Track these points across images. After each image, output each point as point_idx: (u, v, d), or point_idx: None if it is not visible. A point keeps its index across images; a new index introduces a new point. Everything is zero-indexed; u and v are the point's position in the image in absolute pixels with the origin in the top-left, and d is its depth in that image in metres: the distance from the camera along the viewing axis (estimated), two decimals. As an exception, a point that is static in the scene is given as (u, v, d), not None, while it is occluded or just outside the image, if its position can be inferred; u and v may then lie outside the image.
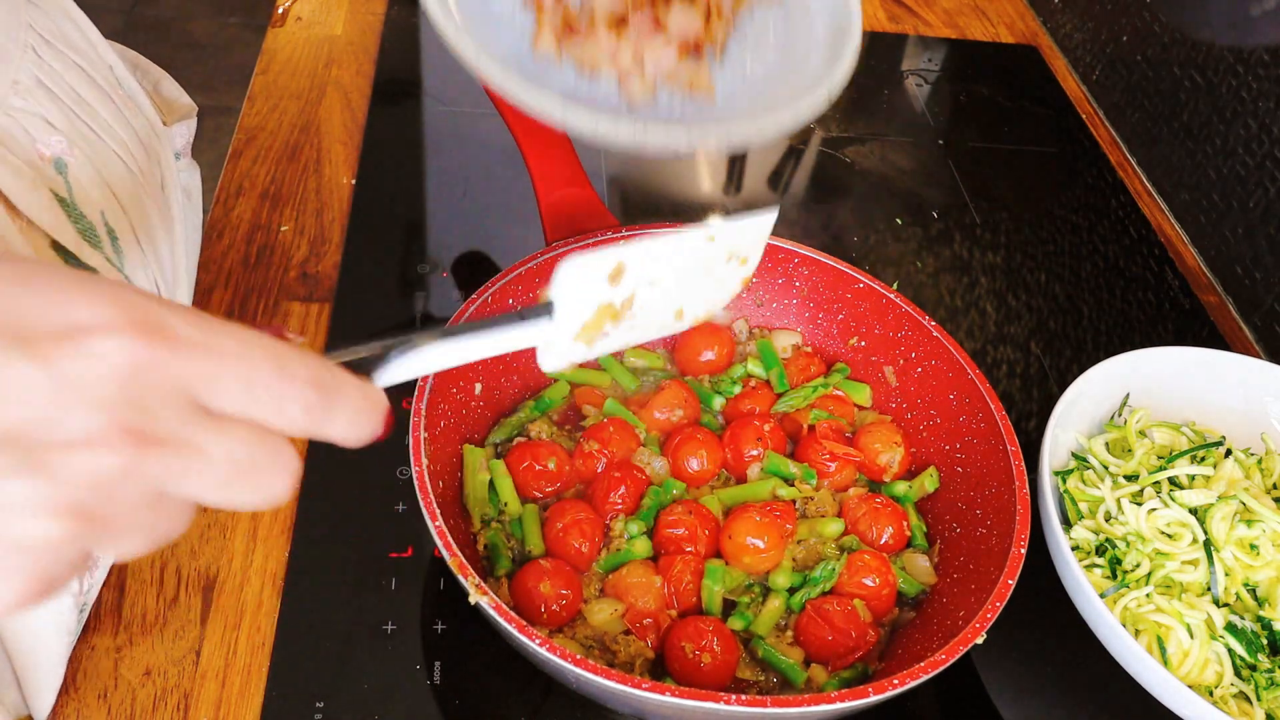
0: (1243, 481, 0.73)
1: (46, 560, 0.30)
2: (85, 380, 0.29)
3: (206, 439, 0.31)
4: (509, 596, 0.64)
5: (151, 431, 0.30)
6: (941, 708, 0.68)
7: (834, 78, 0.61)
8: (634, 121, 0.54)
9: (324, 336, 0.84)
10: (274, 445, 0.33)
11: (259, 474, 0.33)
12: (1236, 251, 1.02)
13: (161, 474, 0.31)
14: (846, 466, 0.73)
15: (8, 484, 0.28)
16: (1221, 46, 1.05)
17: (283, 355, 0.33)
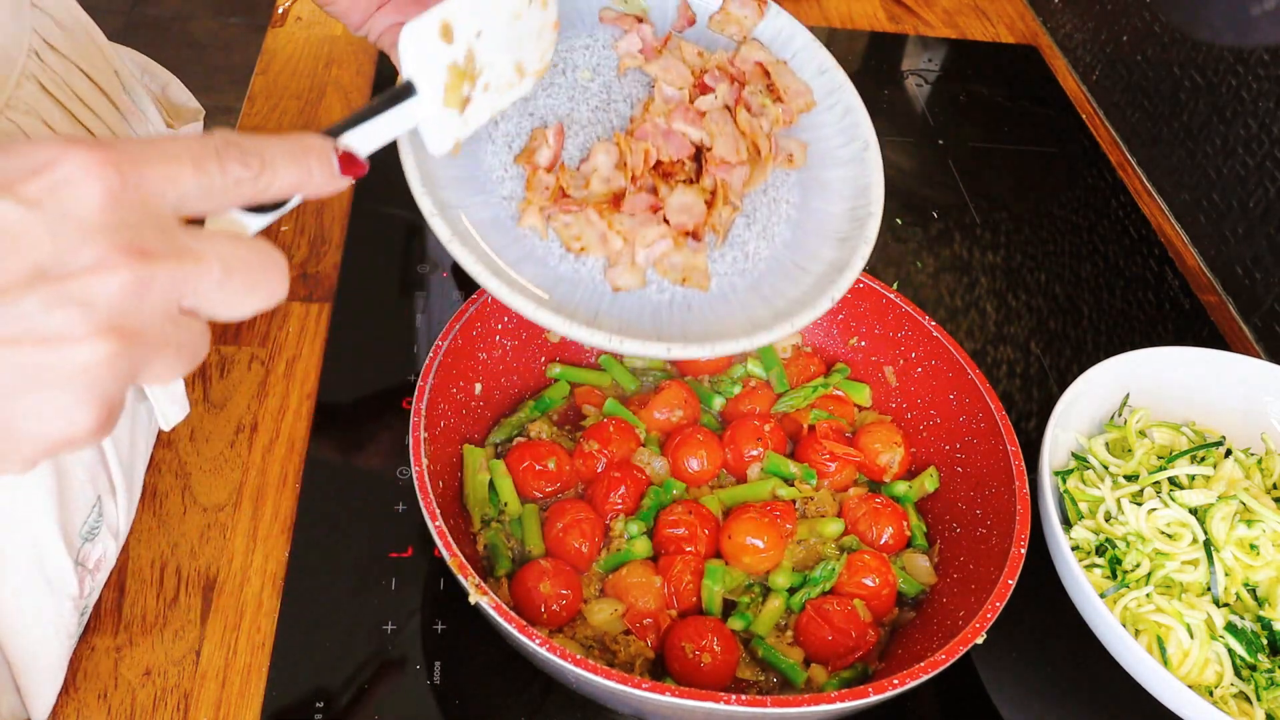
0: (1243, 481, 0.73)
1: (105, 380, 0.33)
2: (71, 211, 0.32)
3: (195, 244, 0.35)
4: (509, 596, 0.64)
5: (145, 245, 0.33)
6: (941, 708, 0.68)
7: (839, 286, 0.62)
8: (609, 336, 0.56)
9: (324, 336, 0.84)
10: (257, 244, 0.37)
11: (251, 271, 0.37)
12: (1236, 251, 1.02)
13: (168, 282, 0.34)
14: (846, 466, 0.73)
15: (49, 318, 0.31)
16: (1221, 46, 1.05)
17: (211, 140, 0.37)
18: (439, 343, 0.69)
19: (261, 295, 0.37)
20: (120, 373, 0.33)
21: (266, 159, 0.38)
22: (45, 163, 0.32)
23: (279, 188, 0.39)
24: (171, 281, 0.34)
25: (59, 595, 0.60)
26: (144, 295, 0.33)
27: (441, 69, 0.50)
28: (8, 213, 0.31)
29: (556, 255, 0.60)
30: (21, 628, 0.59)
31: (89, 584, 0.63)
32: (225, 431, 0.76)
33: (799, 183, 0.67)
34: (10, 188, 0.31)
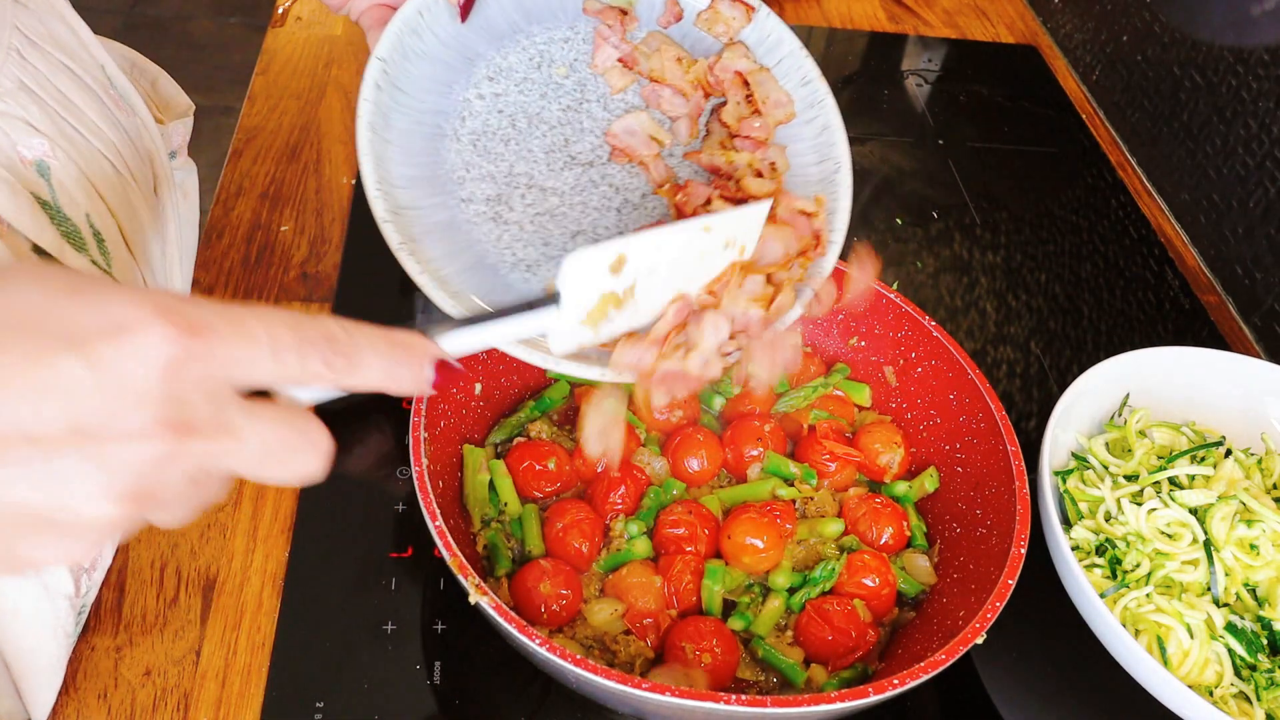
0: (1243, 481, 0.73)
1: (106, 534, 0.34)
2: (131, 379, 0.32)
3: (241, 423, 0.35)
4: (509, 596, 0.64)
5: (190, 421, 0.34)
6: (941, 708, 0.68)
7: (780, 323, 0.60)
8: (545, 356, 0.55)
9: (324, 336, 0.84)
10: (303, 425, 0.37)
11: (290, 453, 0.37)
12: (1236, 251, 1.02)
13: (201, 457, 0.34)
14: (846, 466, 0.73)
15: (74, 475, 0.32)
16: (1221, 46, 1.05)
17: (299, 319, 0.36)
18: (439, 343, 0.69)
19: (294, 473, 0.38)
20: (122, 527, 0.34)
21: (355, 360, 0.38)
22: (123, 325, 0.33)
23: (359, 386, 0.39)
24: (204, 456, 0.35)
25: (55, 595, 0.60)
26: (170, 467, 0.34)
27: (596, 294, 0.49)
28: (72, 370, 0.32)
29: (508, 264, 0.60)
30: (19, 628, 0.59)
31: (85, 583, 0.63)
32: (225, 431, 0.76)
33: None
34: (84, 344, 0.32)
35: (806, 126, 0.66)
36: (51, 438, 0.32)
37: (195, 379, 0.34)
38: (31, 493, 0.32)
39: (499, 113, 0.62)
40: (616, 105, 0.64)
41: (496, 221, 0.61)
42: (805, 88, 0.66)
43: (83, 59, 0.67)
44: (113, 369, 0.32)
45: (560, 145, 0.62)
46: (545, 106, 0.63)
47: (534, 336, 0.49)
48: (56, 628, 0.60)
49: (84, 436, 0.32)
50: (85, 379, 0.32)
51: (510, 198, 0.61)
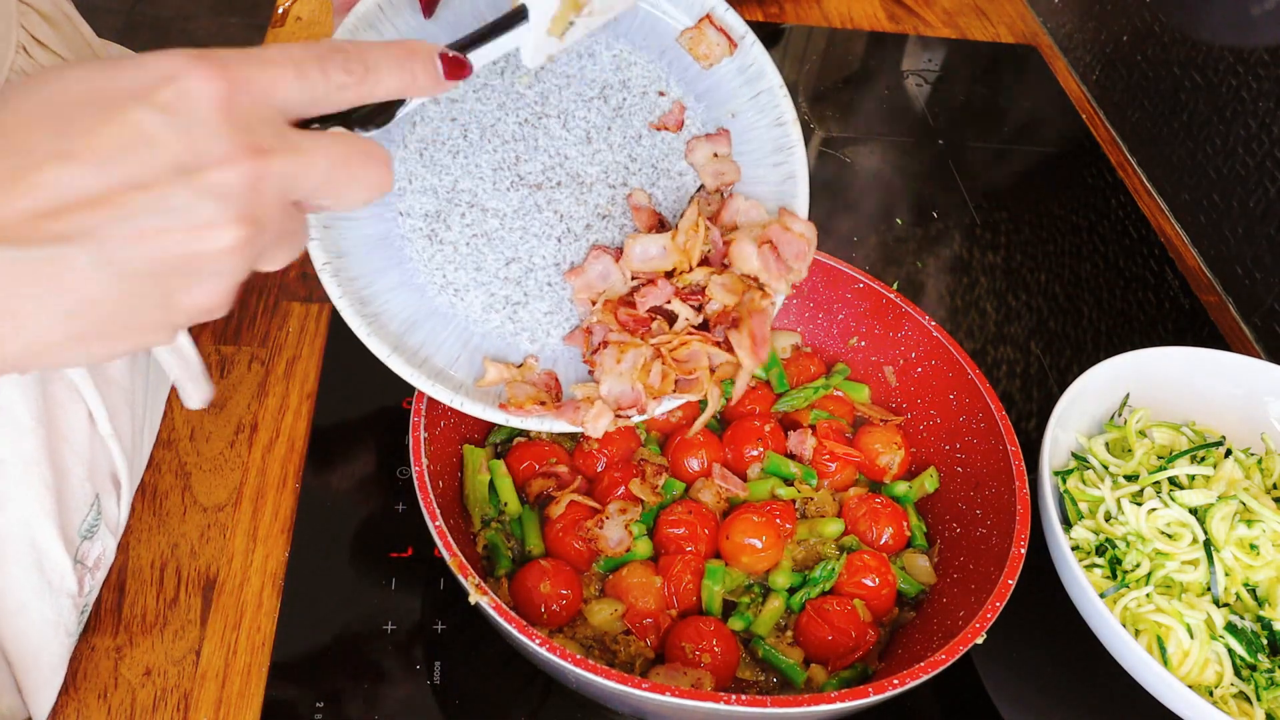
0: (1243, 481, 0.73)
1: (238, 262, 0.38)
2: (198, 115, 0.36)
3: (306, 144, 0.39)
4: (509, 596, 0.64)
5: (261, 144, 0.37)
6: (941, 708, 0.68)
7: None
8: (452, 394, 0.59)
9: (324, 337, 0.84)
10: (359, 141, 0.41)
11: (357, 164, 0.41)
12: (1236, 251, 1.02)
13: (282, 174, 0.38)
14: (847, 467, 0.73)
15: (195, 208, 0.36)
16: (1221, 46, 1.05)
17: (315, 47, 0.40)
18: (439, 343, 0.69)
19: (363, 186, 0.41)
20: (249, 257, 0.38)
21: (370, 64, 0.41)
22: (170, 74, 0.36)
23: (384, 91, 0.42)
24: (285, 173, 0.38)
25: (58, 593, 0.60)
26: (263, 185, 0.37)
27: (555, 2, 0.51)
28: (147, 118, 0.35)
29: (436, 285, 0.60)
30: (21, 626, 0.59)
31: (89, 582, 0.63)
32: (225, 431, 0.76)
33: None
34: (146, 96, 0.36)
35: (773, 170, 0.64)
36: (157, 181, 0.35)
37: (247, 109, 0.37)
38: (162, 235, 0.35)
39: (451, 120, 0.60)
40: (577, 125, 0.62)
41: (431, 240, 0.60)
42: (778, 129, 0.64)
43: (86, 57, 0.67)
44: (180, 110, 0.36)
45: (510, 163, 0.61)
46: (501, 118, 0.61)
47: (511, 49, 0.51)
48: (59, 626, 0.60)
49: (184, 172, 0.36)
50: (162, 124, 0.36)
51: (449, 215, 0.60)
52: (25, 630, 0.59)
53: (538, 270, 0.62)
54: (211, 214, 0.36)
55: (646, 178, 0.63)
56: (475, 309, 0.61)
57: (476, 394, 0.60)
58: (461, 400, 0.59)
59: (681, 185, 0.64)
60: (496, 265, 0.61)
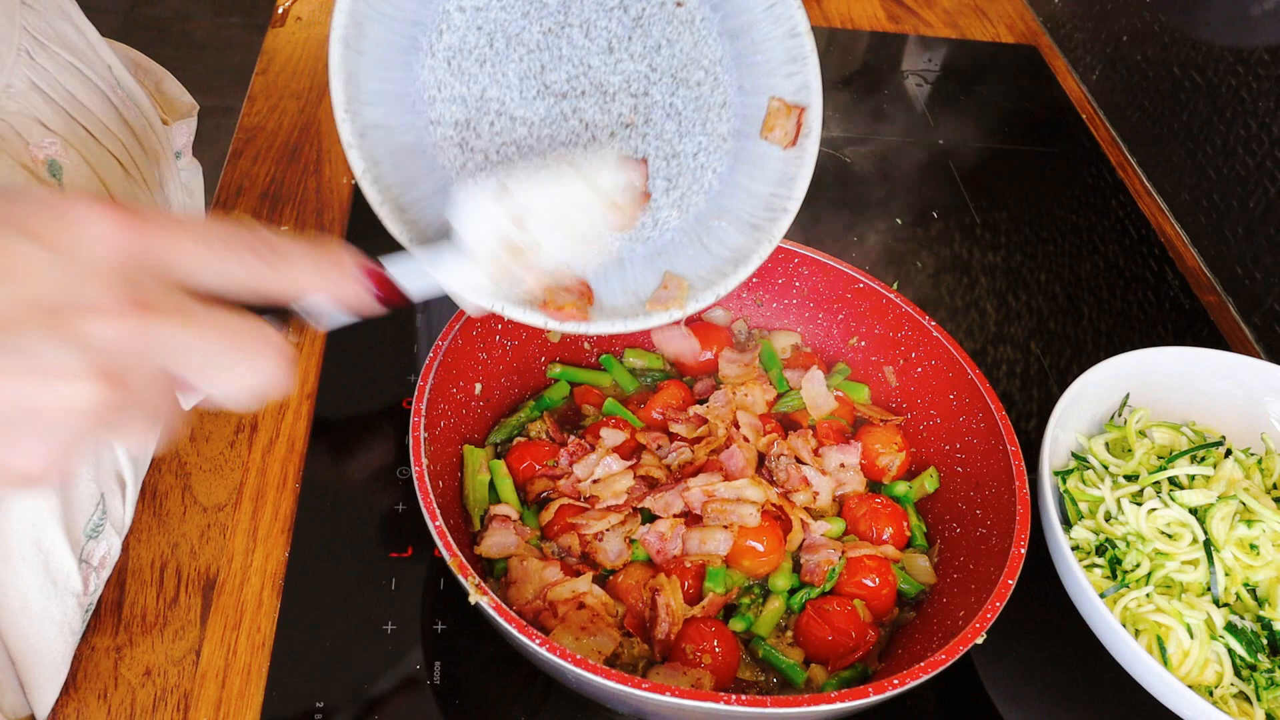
0: (1243, 481, 0.73)
1: (82, 426, 0.34)
2: (89, 260, 0.34)
3: (199, 312, 0.36)
4: (508, 597, 0.64)
5: (150, 301, 0.35)
6: (941, 708, 0.68)
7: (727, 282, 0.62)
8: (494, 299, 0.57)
9: (324, 337, 0.84)
10: (257, 324, 0.38)
11: (248, 346, 0.37)
12: (1236, 251, 1.02)
13: (164, 339, 0.35)
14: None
15: (46, 352, 0.32)
16: (1221, 46, 1.05)
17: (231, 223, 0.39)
18: (439, 343, 0.69)
19: (252, 373, 0.37)
20: (98, 420, 0.34)
21: (285, 256, 0.39)
22: (69, 214, 0.34)
23: (293, 282, 0.40)
24: (166, 337, 0.35)
25: (64, 592, 0.60)
26: (138, 345, 0.34)
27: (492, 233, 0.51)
28: (30, 253, 0.33)
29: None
30: (26, 625, 0.59)
31: (94, 581, 0.63)
32: (225, 431, 0.76)
33: (732, 152, 0.65)
34: (35, 231, 0.34)
35: (786, 80, 0.64)
36: (18, 317, 0.32)
37: (144, 264, 0.35)
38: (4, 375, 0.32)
39: (478, 29, 0.60)
40: (599, 34, 0.62)
41: (463, 148, 0.60)
42: (792, 40, 0.64)
43: (90, 59, 0.67)
44: (69, 251, 0.34)
45: (536, 72, 0.61)
46: (526, 27, 0.61)
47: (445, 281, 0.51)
48: (64, 625, 0.60)
49: (51, 315, 0.33)
50: (43, 261, 0.33)
51: (479, 124, 0.60)
52: (30, 629, 0.59)
53: None
54: (68, 363, 0.33)
55: (667, 87, 0.64)
56: None
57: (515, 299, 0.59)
58: (503, 305, 0.58)
59: (699, 95, 0.64)
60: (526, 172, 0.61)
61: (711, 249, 0.64)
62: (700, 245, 0.64)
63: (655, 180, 0.63)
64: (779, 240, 0.64)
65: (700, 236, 0.64)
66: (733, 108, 0.64)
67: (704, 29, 0.63)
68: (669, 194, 0.63)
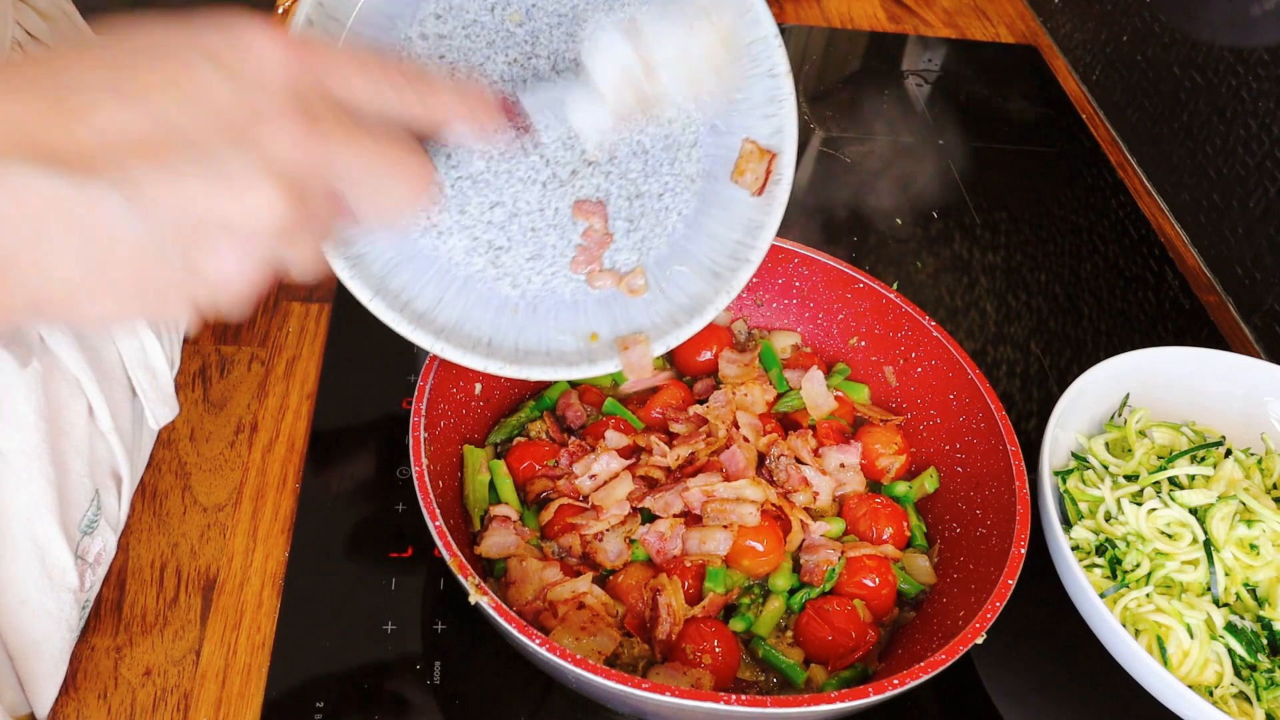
0: (1243, 481, 0.73)
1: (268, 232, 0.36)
2: (263, 80, 0.37)
3: (358, 130, 0.39)
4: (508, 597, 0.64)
5: (316, 114, 0.37)
6: (941, 708, 0.68)
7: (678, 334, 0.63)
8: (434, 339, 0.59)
9: (324, 337, 0.84)
10: (408, 142, 0.41)
11: (399, 161, 0.40)
12: (1236, 251, 1.02)
13: (332, 155, 0.38)
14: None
15: (233, 164, 0.35)
16: (1221, 46, 1.05)
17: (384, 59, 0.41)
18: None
19: (403, 191, 0.41)
20: (280, 231, 0.37)
21: (432, 85, 0.43)
22: (242, 38, 0.37)
23: (440, 107, 0.43)
24: (335, 154, 0.38)
25: (60, 589, 0.60)
26: (310, 155, 0.37)
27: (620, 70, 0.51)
28: (208, 73, 0.36)
29: (419, 229, 0.59)
30: (23, 622, 0.59)
31: (89, 577, 0.63)
32: (225, 431, 0.76)
33: (700, 194, 0.63)
34: (212, 52, 0.36)
35: (763, 121, 0.63)
36: (204, 133, 0.35)
37: (310, 86, 0.38)
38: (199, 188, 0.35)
39: (440, 59, 0.58)
40: (566, 66, 0.60)
41: None
42: (770, 80, 0.62)
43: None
44: (244, 72, 0.36)
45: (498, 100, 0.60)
46: (490, 57, 0.59)
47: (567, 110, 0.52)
48: (60, 620, 0.60)
49: (233, 129, 0.35)
50: (222, 81, 0.36)
51: (435, 157, 0.59)
52: (27, 625, 0.59)
53: (522, 215, 0.61)
54: (253, 171, 0.35)
55: (635, 124, 0.62)
56: (458, 252, 0.60)
57: (457, 340, 0.60)
58: (443, 346, 0.59)
59: (669, 134, 0.63)
60: (480, 209, 0.60)
61: (669, 295, 0.63)
62: (658, 291, 0.63)
63: (616, 221, 0.62)
64: (738, 292, 0.63)
65: (658, 282, 0.63)
66: (703, 148, 0.63)
67: None
68: (629, 235, 0.62)
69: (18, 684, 0.60)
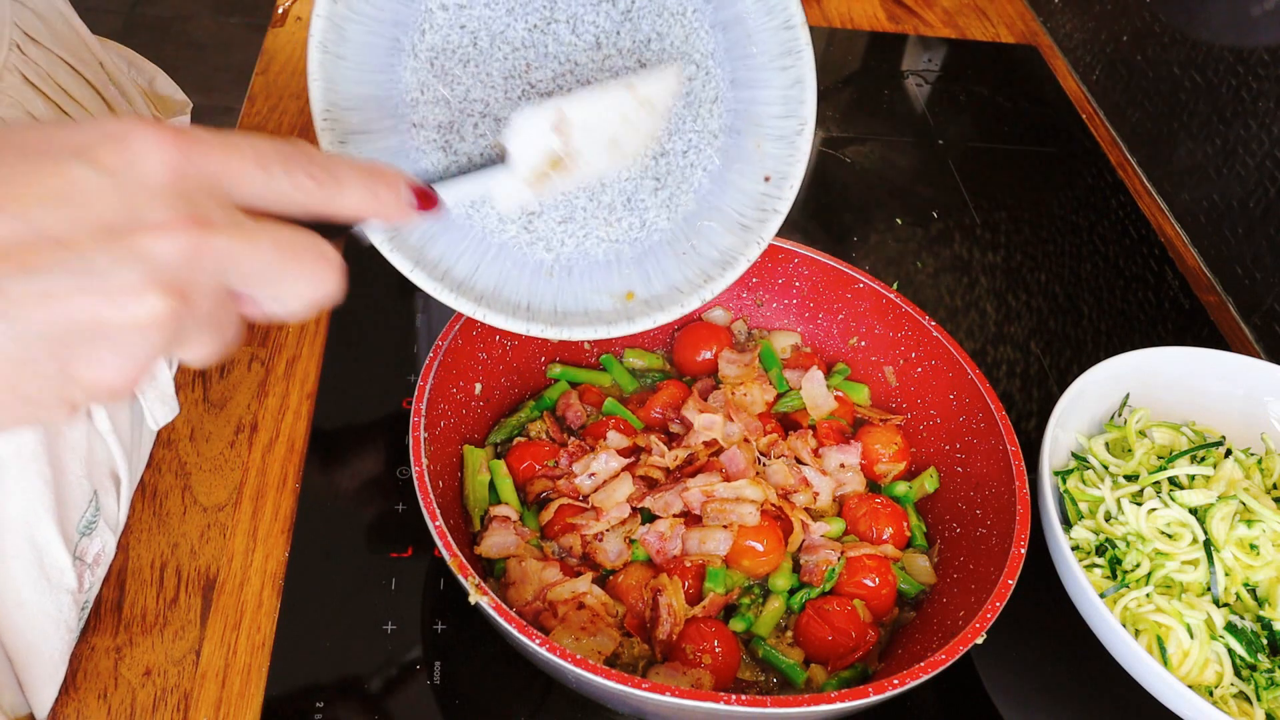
0: (1243, 481, 0.73)
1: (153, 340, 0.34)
2: (141, 178, 0.34)
3: (249, 224, 0.36)
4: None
5: (205, 216, 0.35)
6: (942, 708, 0.68)
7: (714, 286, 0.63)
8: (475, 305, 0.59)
9: (323, 337, 0.84)
10: (312, 236, 0.38)
11: (303, 259, 0.38)
12: (1236, 251, 1.02)
13: (222, 252, 0.35)
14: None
15: (114, 271, 0.33)
16: (1221, 46, 1.05)
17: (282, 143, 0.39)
18: (439, 343, 0.69)
19: (309, 284, 0.38)
20: (166, 335, 0.34)
21: (335, 174, 0.40)
22: (120, 135, 0.35)
23: (346, 205, 0.41)
24: (225, 252, 0.35)
25: (58, 590, 0.60)
26: (199, 260, 0.35)
27: (540, 153, 0.53)
28: (84, 175, 0.33)
29: (450, 199, 0.60)
30: (22, 623, 0.59)
31: (88, 578, 0.63)
32: (225, 431, 0.76)
33: (723, 149, 0.64)
34: (88, 153, 0.34)
35: (780, 74, 0.63)
36: (79, 239, 0.33)
37: (195, 183, 0.35)
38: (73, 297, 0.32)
39: (461, 28, 0.59)
40: (586, 30, 0.61)
41: (445, 151, 0.60)
42: (787, 32, 0.62)
43: (83, 56, 0.67)
44: (122, 171, 0.34)
45: (521, 71, 0.60)
46: (510, 24, 0.59)
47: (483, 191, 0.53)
48: (59, 621, 0.60)
49: (111, 234, 0.33)
50: (99, 181, 0.33)
51: (462, 126, 0.59)
52: (26, 626, 0.59)
53: None
54: (134, 280, 0.33)
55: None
56: (491, 220, 0.61)
57: (499, 305, 0.60)
58: (484, 312, 0.59)
59: (690, 90, 0.63)
60: None
61: (700, 250, 0.64)
62: (690, 249, 0.64)
63: (644, 180, 0.63)
64: (768, 241, 0.64)
65: (689, 239, 0.64)
66: (724, 103, 0.63)
67: (695, 21, 0.62)
68: (657, 194, 0.63)
69: (17, 686, 0.60)
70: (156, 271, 0.34)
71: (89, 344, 0.33)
